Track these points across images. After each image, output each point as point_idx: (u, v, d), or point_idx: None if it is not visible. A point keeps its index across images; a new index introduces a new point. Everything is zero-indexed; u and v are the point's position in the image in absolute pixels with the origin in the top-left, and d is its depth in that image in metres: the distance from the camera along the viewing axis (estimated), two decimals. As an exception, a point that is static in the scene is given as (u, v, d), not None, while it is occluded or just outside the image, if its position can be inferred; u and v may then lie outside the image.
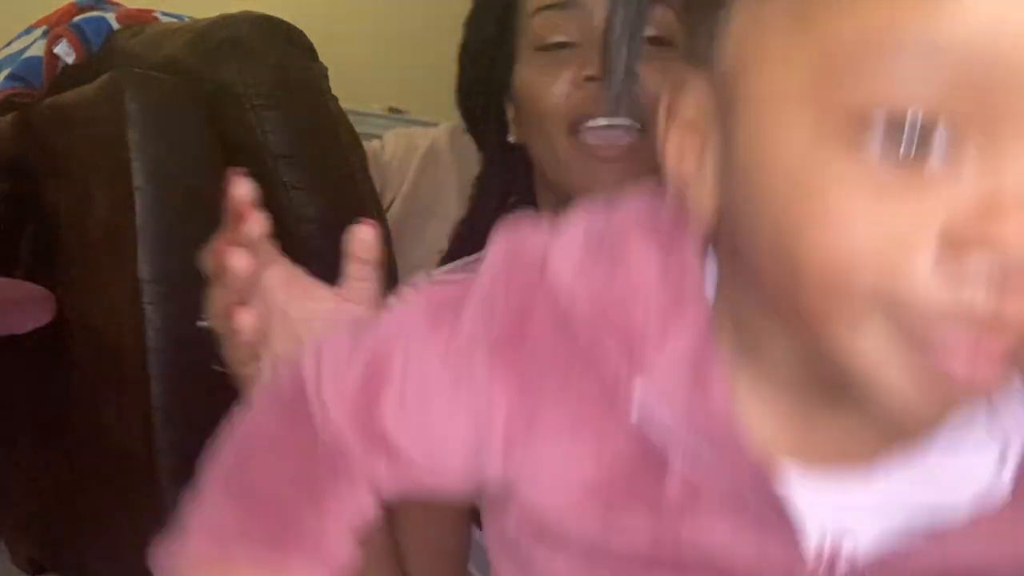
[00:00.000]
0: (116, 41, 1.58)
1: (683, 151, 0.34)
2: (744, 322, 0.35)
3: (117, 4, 1.71)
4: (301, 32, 1.42)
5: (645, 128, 0.70)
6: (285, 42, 1.37)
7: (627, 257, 0.35)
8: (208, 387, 1.31)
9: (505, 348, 0.36)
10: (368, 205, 1.42)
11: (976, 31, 0.26)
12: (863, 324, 0.29)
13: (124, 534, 1.39)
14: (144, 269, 1.24)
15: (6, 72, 1.68)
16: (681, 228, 0.35)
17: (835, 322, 0.30)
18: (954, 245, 0.27)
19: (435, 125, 2.31)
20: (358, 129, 1.52)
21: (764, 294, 0.32)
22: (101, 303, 1.36)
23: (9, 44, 1.77)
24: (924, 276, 0.28)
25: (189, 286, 1.30)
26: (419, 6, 3.87)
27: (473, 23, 0.87)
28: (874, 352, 0.29)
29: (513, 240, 0.40)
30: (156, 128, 1.27)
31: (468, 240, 0.92)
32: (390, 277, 1.45)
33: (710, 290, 0.35)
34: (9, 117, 1.59)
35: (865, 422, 0.34)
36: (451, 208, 2.15)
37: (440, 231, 2.09)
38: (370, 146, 2.06)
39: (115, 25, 1.61)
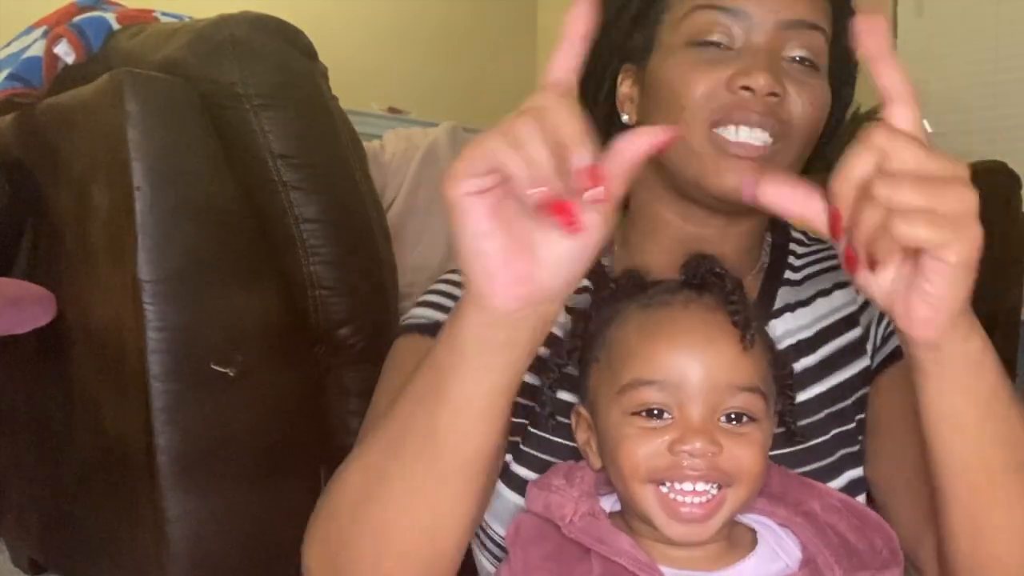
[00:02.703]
0: (116, 41, 1.58)
1: None
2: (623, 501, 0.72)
3: (117, 4, 1.71)
4: (301, 32, 1.42)
5: (783, 140, 0.76)
6: (285, 42, 1.37)
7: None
8: (208, 387, 1.32)
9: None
10: (368, 205, 1.42)
11: (675, 383, 0.65)
12: (643, 487, 0.65)
13: (123, 534, 1.39)
14: (144, 269, 1.24)
15: (6, 72, 1.68)
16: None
17: (635, 486, 0.66)
18: (672, 448, 0.64)
19: (435, 125, 2.31)
20: (358, 129, 1.52)
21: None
22: (101, 303, 1.36)
23: (9, 44, 1.78)
24: (663, 457, 0.65)
25: (189, 286, 1.31)
26: (419, 6, 3.88)
27: None
28: (649, 501, 0.65)
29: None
30: (156, 128, 1.27)
31: None
32: (390, 277, 1.45)
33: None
34: (9, 117, 1.59)
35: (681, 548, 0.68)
36: (451, 208, 2.16)
37: (440, 230, 2.10)
38: (370, 146, 2.06)
39: (115, 25, 1.61)
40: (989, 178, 2.64)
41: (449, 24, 3.98)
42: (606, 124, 0.87)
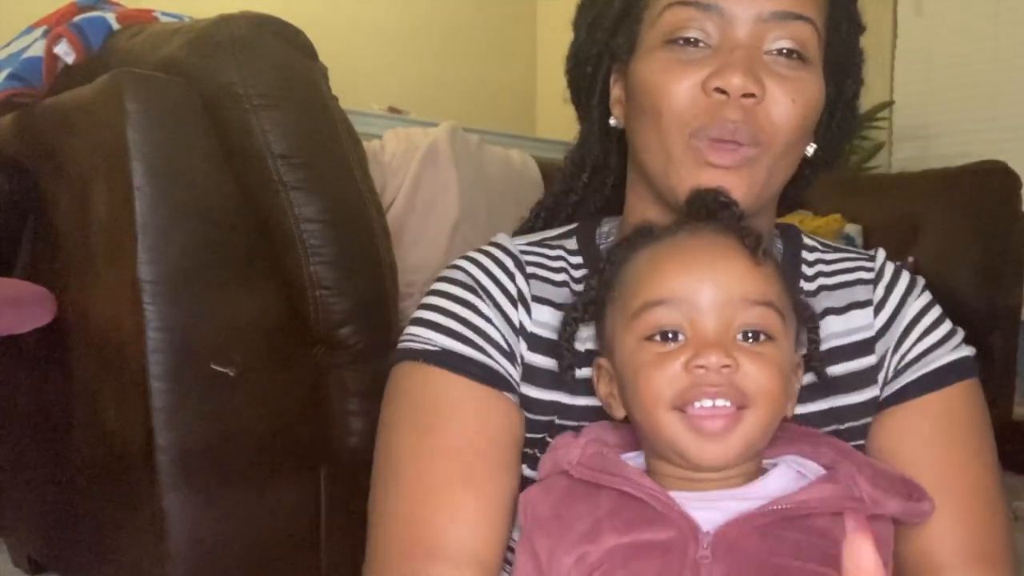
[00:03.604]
0: (116, 41, 1.58)
1: None
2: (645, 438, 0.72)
3: (117, 4, 1.71)
4: (301, 32, 1.42)
5: (761, 146, 0.73)
6: (285, 42, 1.37)
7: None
8: (208, 387, 1.32)
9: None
10: (368, 205, 1.42)
11: (686, 300, 0.65)
12: (667, 415, 0.65)
13: (124, 534, 1.39)
14: (144, 269, 1.24)
15: (6, 72, 1.68)
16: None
17: (659, 414, 0.66)
18: (687, 367, 0.64)
19: (435, 125, 2.31)
20: (358, 129, 1.52)
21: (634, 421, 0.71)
22: (101, 303, 1.36)
23: (9, 44, 1.77)
24: (680, 379, 0.64)
25: (189, 286, 1.31)
26: (419, 6, 3.88)
27: None
28: (674, 427, 0.65)
29: None
30: (156, 128, 1.27)
31: (551, 213, 0.92)
32: (390, 277, 1.45)
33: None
34: (9, 117, 1.59)
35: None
36: (451, 207, 2.16)
37: (440, 230, 2.10)
38: (370, 146, 2.06)
39: (115, 25, 1.61)
40: (989, 178, 2.64)
41: (449, 24, 3.98)
42: (601, 126, 0.85)
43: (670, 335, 0.65)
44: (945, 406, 0.79)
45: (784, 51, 0.74)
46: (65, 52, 1.61)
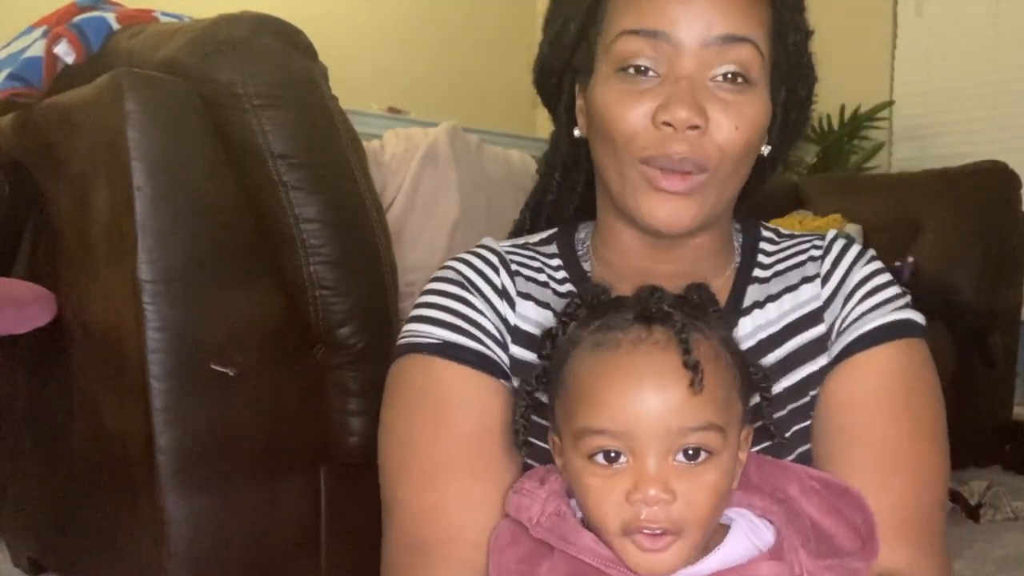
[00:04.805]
0: (116, 41, 1.58)
1: None
2: None
3: (117, 4, 1.71)
4: (301, 32, 1.42)
5: (708, 172, 0.77)
6: (285, 42, 1.38)
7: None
8: (208, 387, 1.32)
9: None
10: (368, 205, 1.42)
11: (625, 433, 0.67)
12: (613, 536, 0.68)
13: (124, 535, 1.39)
14: (144, 269, 1.24)
15: (6, 72, 1.68)
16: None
17: (606, 535, 0.69)
18: (629, 499, 0.66)
19: (435, 125, 2.31)
20: (358, 129, 1.52)
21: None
22: (101, 303, 1.36)
23: (9, 44, 1.77)
24: (624, 509, 0.67)
25: (189, 286, 1.31)
26: (419, 6, 3.88)
27: (557, 10, 0.87)
28: (620, 546, 0.68)
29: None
30: (156, 128, 1.27)
31: (535, 213, 0.96)
32: (390, 277, 1.45)
33: None
34: (9, 117, 1.59)
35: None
36: (451, 208, 2.16)
37: (440, 230, 2.10)
38: (370, 146, 2.06)
39: (115, 25, 1.61)
40: (989, 178, 2.64)
41: (449, 24, 3.99)
42: (568, 131, 0.88)
43: (613, 454, 0.67)
44: (877, 363, 0.81)
45: (728, 76, 0.77)
46: (65, 52, 1.61)
